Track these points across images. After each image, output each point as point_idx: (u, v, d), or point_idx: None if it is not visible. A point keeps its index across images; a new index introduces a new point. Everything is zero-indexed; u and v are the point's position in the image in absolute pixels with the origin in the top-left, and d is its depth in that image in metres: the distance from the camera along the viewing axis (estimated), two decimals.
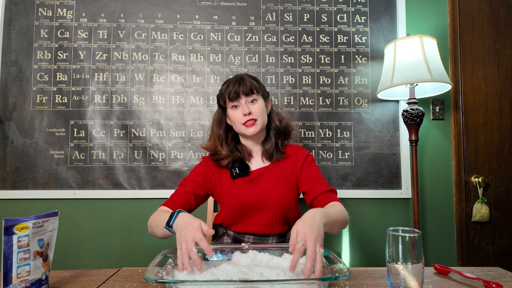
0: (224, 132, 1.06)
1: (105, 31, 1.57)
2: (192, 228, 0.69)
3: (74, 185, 1.51)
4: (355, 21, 1.63)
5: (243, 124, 0.98)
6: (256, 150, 1.07)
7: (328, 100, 1.60)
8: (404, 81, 1.32)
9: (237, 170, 1.02)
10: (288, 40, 1.61)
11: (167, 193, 1.52)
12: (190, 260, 0.66)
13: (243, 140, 1.08)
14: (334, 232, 0.84)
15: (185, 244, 0.67)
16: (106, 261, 1.52)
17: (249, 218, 1.00)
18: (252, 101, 0.99)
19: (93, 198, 1.51)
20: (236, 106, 0.99)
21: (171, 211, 0.92)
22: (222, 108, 1.05)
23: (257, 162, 1.06)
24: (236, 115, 0.99)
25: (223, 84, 1.04)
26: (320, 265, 0.62)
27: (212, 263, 0.76)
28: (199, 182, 1.03)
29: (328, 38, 1.62)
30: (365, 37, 1.62)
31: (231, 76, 1.57)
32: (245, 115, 0.97)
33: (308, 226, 0.66)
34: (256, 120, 0.98)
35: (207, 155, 1.09)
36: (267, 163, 1.05)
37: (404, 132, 1.58)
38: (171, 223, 0.76)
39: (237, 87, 0.96)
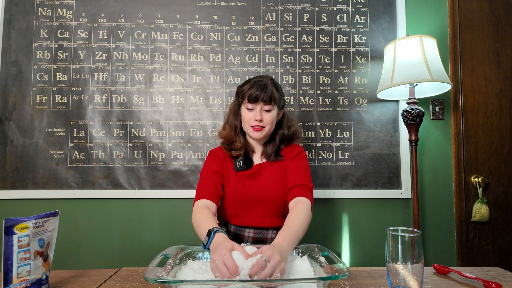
0: (240, 124, 1.12)
1: (105, 31, 1.57)
2: (222, 248, 0.68)
3: (74, 185, 1.51)
4: (355, 21, 1.63)
5: (251, 126, 1.04)
6: (257, 148, 1.14)
7: (328, 100, 1.60)
8: (404, 81, 1.32)
9: (241, 162, 1.07)
10: (288, 40, 1.61)
11: (167, 193, 1.52)
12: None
13: (247, 136, 1.14)
14: None
15: (218, 272, 0.64)
16: (106, 261, 1.52)
17: (248, 211, 1.05)
18: (267, 110, 1.04)
19: (93, 198, 1.51)
20: (251, 109, 1.04)
21: (210, 214, 0.92)
22: (238, 102, 1.10)
23: (257, 158, 1.13)
24: (248, 116, 1.05)
25: (247, 81, 1.08)
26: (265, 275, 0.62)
27: None
28: (219, 171, 1.08)
29: (328, 38, 1.62)
30: (365, 37, 1.62)
31: (231, 77, 1.58)
32: (256, 120, 1.03)
33: (277, 251, 0.68)
34: (264, 127, 1.05)
35: (220, 144, 1.14)
36: (264, 160, 1.12)
37: (404, 132, 1.58)
38: (207, 245, 0.77)
39: (259, 93, 1.02)
